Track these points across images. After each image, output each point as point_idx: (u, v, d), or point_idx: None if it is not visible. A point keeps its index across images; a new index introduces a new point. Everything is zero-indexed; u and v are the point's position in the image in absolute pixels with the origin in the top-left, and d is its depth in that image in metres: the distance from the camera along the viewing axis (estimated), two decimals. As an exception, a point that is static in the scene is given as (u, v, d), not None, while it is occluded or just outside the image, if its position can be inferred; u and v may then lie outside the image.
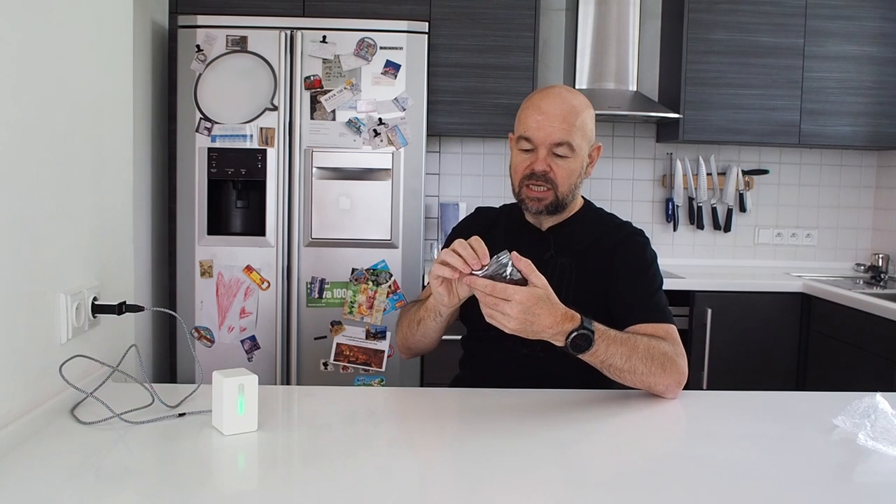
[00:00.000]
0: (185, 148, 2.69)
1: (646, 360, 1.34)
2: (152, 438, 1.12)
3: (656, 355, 1.35)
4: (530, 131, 1.49)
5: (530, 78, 2.98)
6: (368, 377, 2.74)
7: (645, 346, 1.35)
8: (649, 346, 1.36)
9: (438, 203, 3.37)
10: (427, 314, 1.46)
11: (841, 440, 1.16)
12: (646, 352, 1.35)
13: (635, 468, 1.08)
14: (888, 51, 3.15)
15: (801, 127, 3.16)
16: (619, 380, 1.36)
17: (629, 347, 1.33)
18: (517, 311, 1.20)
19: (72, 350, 1.26)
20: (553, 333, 1.25)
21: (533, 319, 1.21)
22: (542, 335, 1.25)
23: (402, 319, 1.61)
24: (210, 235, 2.71)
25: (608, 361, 1.32)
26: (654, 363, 1.35)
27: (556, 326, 1.24)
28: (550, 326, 1.23)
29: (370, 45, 2.69)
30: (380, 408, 1.36)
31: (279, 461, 1.11)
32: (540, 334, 1.24)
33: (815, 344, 2.90)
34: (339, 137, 2.70)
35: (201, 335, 2.72)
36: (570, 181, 1.53)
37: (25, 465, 1.01)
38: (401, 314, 1.63)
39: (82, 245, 1.34)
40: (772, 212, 3.52)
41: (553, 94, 1.52)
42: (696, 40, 3.11)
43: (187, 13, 2.71)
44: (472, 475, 1.01)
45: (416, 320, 1.51)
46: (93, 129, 1.39)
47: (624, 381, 1.36)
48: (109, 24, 1.48)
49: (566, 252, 1.56)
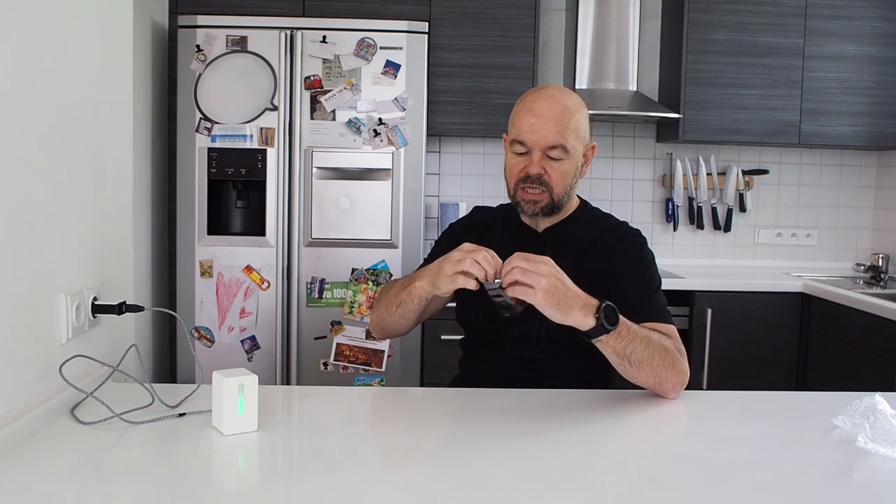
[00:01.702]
0: (185, 148, 2.69)
1: (661, 352, 1.34)
2: (152, 438, 1.12)
3: (669, 350, 1.36)
4: (524, 135, 1.49)
5: (530, 78, 2.98)
6: (368, 377, 2.74)
7: (658, 338, 1.36)
8: (661, 339, 1.36)
9: (438, 203, 3.37)
10: (410, 298, 1.45)
11: (841, 440, 1.16)
12: (659, 344, 1.35)
13: (635, 468, 1.08)
14: (888, 51, 3.15)
15: (801, 127, 3.16)
16: (632, 374, 1.34)
17: (646, 336, 1.33)
18: (549, 269, 1.24)
19: (72, 350, 1.26)
20: (582, 304, 1.25)
21: (564, 280, 1.25)
22: (572, 303, 1.24)
23: (380, 299, 1.60)
24: (210, 235, 2.71)
25: (629, 348, 1.30)
26: (668, 356, 1.34)
27: (584, 297, 1.26)
28: (579, 294, 1.25)
29: (370, 45, 2.69)
30: (380, 408, 1.36)
31: (279, 461, 1.11)
32: (570, 302, 1.24)
33: (815, 344, 2.90)
34: (339, 137, 2.70)
35: (201, 335, 2.72)
36: (566, 183, 1.52)
37: (25, 465, 1.01)
38: (379, 294, 1.62)
39: (82, 245, 1.34)
40: (772, 212, 3.52)
41: (546, 95, 1.51)
42: (696, 40, 3.11)
43: (187, 13, 2.72)
44: (473, 475, 1.01)
45: (396, 303, 1.50)
46: (93, 129, 1.39)
47: (638, 374, 1.33)
48: (109, 24, 1.48)
49: (563, 253, 1.55)
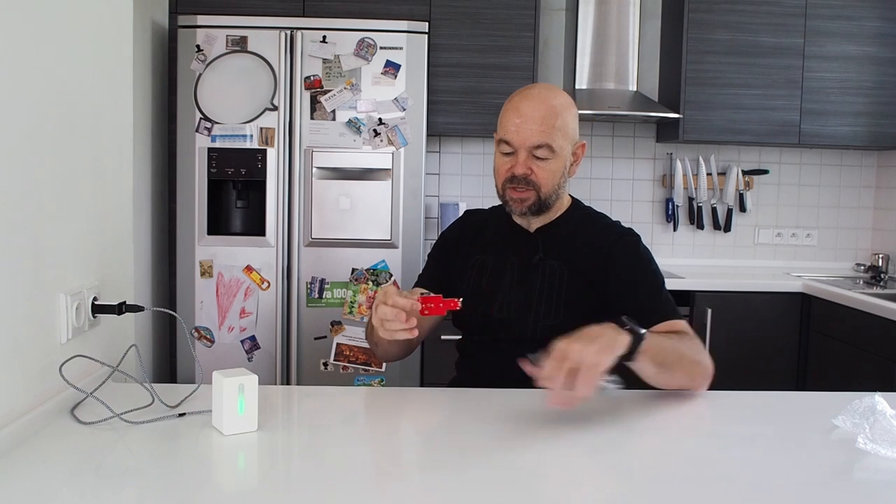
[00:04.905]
0: (185, 148, 2.69)
1: (691, 351, 1.35)
2: (152, 438, 1.12)
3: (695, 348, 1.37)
4: (509, 134, 1.49)
5: (530, 78, 2.98)
6: (368, 377, 2.74)
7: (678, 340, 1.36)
8: (681, 340, 1.37)
9: (438, 203, 3.37)
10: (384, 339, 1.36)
11: (841, 440, 1.16)
12: (684, 345, 1.36)
13: (634, 468, 1.08)
14: (888, 51, 3.15)
15: (801, 127, 3.16)
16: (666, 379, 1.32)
17: (671, 340, 1.34)
18: (564, 350, 1.13)
19: (72, 350, 1.26)
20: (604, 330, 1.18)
21: (581, 339, 1.15)
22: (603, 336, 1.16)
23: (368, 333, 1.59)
24: (210, 235, 2.71)
25: (661, 355, 1.27)
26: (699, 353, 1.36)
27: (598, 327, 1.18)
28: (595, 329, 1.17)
29: (370, 45, 2.69)
30: (380, 408, 1.36)
31: (279, 461, 1.11)
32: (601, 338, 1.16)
33: (815, 344, 2.90)
34: (339, 137, 2.70)
35: (201, 335, 2.72)
36: (553, 182, 1.52)
37: (25, 465, 1.01)
38: (367, 327, 1.59)
39: (82, 245, 1.34)
40: (772, 212, 3.52)
41: (532, 95, 1.51)
42: (696, 40, 3.11)
43: (187, 13, 2.71)
44: (473, 475, 1.01)
45: (375, 342, 1.52)
46: (93, 129, 1.39)
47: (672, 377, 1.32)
48: (109, 24, 1.48)
49: (555, 254, 1.56)
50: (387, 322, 1.28)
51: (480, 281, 1.59)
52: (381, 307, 1.28)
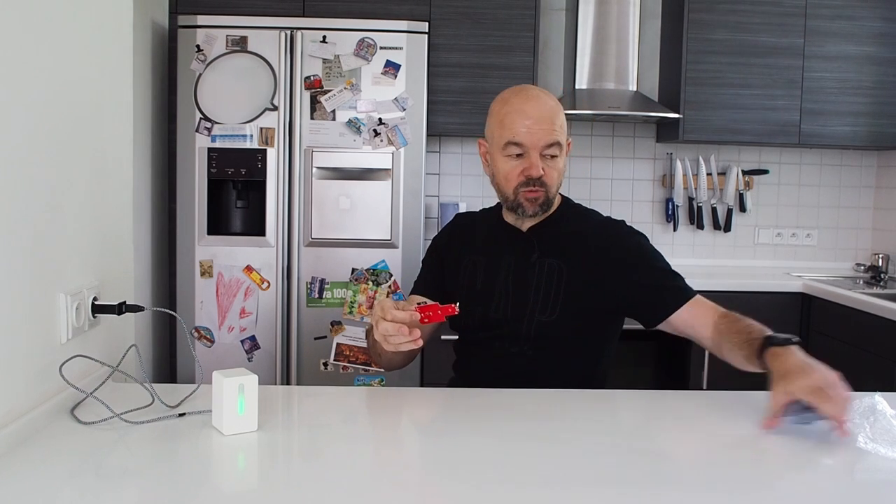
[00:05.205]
0: (185, 148, 2.69)
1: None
2: (152, 438, 1.12)
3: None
4: (520, 136, 1.50)
5: (530, 78, 2.97)
6: (368, 377, 2.74)
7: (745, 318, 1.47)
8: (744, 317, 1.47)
9: (438, 203, 3.37)
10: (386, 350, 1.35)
11: (841, 440, 1.16)
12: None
13: (633, 467, 1.08)
14: (888, 51, 3.15)
15: (801, 127, 3.16)
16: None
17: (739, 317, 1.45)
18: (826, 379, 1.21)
19: (72, 350, 1.26)
20: (803, 355, 1.27)
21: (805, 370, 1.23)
22: (811, 367, 1.24)
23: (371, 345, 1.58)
24: (210, 235, 2.71)
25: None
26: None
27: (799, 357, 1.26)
28: (805, 361, 1.25)
29: (370, 45, 2.69)
30: (380, 408, 1.36)
31: (279, 461, 1.11)
32: (812, 361, 1.25)
33: (815, 344, 2.90)
34: (339, 137, 2.70)
35: (201, 335, 2.72)
36: (559, 179, 1.56)
37: (25, 465, 1.01)
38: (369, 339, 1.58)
39: (82, 245, 1.34)
40: (772, 212, 3.52)
41: (533, 96, 1.53)
42: (696, 40, 3.11)
43: (187, 13, 2.71)
44: (473, 475, 1.01)
45: (378, 352, 1.52)
46: (93, 129, 1.39)
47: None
48: (109, 24, 1.48)
49: (551, 252, 1.57)
50: (390, 337, 1.28)
51: (475, 282, 1.59)
52: (381, 323, 1.29)
